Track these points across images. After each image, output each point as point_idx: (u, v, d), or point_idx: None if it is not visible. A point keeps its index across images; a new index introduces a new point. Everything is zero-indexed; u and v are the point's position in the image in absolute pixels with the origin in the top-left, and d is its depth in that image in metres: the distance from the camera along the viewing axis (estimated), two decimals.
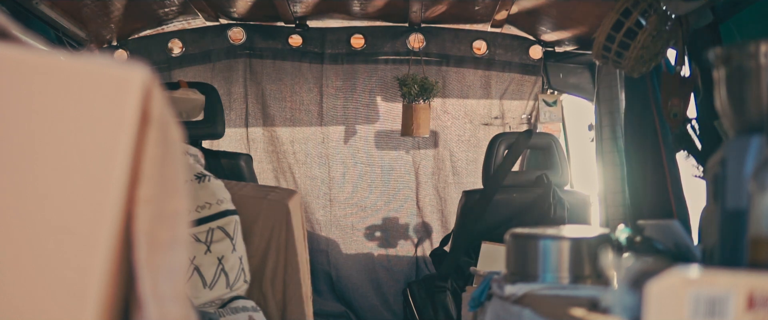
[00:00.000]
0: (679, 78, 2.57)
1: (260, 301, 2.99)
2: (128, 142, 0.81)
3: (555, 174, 3.51)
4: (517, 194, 3.51)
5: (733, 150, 1.22)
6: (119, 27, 3.81)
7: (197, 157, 3.02)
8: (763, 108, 1.23)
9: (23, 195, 0.79)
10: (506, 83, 4.21)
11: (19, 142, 0.79)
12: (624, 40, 2.51)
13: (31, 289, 0.79)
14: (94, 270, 0.80)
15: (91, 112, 0.80)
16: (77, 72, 0.81)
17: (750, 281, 0.96)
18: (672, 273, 0.96)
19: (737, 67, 1.26)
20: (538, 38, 4.14)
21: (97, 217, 0.80)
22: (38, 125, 0.80)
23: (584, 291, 1.61)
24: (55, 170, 0.80)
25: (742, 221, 1.18)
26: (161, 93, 0.83)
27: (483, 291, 1.93)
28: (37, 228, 0.79)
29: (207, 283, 2.74)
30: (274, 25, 4.11)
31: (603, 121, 3.56)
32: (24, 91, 0.80)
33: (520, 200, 3.50)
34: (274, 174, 4.21)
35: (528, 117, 4.20)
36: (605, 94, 3.52)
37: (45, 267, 0.79)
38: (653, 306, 0.96)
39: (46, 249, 0.79)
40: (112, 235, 0.80)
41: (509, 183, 3.50)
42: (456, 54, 4.16)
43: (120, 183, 0.81)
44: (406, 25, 4.10)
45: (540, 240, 1.78)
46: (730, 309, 0.94)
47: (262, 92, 4.18)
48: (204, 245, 2.75)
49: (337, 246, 4.19)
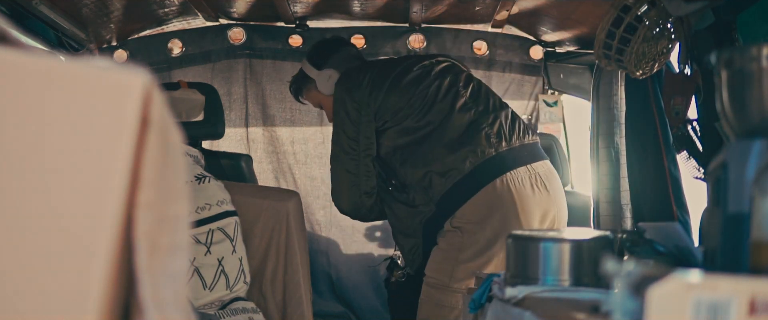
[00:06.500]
0: (682, 76, 2.57)
1: (260, 302, 2.99)
2: (128, 146, 0.81)
3: None
4: None
5: (735, 153, 1.22)
6: (119, 27, 3.81)
7: (197, 157, 3.02)
8: (765, 111, 1.23)
9: (23, 201, 0.79)
10: (507, 83, 4.20)
11: (18, 148, 0.79)
12: (624, 36, 2.51)
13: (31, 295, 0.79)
14: (95, 275, 0.79)
15: (91, 116, 0.80)
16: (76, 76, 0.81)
17: (752, 286, 0.96)
18: (673, 278, 0.96)
19: (739, 70, 1.26)
20: (539, 38, 4.14)
21: (97, 222, 0.80)
22: (37, 130, 0.80)
23: (585, 295, 1.60)
24: (54, 175, 0.80)
25: (743, 225, 1.18)
26: (161, 97, 0.83)
27: (483, 292, 1.93)
28: (37, 233, 0.79)
29: (207, 285, 2.74)
30: (274, 25, 4.11)
31: (600, 117, 3.56)
32: (23, 95, 0.80)
33: None
34: (274, 174, 4.20)
35: (528, 117, 4.20)
36: (605, 91, 3.53)
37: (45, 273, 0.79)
38: (654, 310, 0.96)
39: (47, 254, 0.79)
40: (113, 240, 0.80)
41: None
42: (456, 54, 4.15)
43: (120, 188, 0.81)
44: (406, 25, 4.10)
45: (540, 242, 1.77)
46: (731, 314, 0.94)
47: (262, 92, 4.18)
48: (204, 246, 2.75)
49: (338, 247, 4.19)
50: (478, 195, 2.80)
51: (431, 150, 2.85)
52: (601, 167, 3.51)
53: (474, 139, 2.84)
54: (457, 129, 2.86)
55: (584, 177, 3.96)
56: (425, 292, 2.90)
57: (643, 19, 2.50)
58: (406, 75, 2.95)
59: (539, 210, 2.84)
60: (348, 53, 3.16)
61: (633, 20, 2.50)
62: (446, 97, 2.92)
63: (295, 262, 3.03)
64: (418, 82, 2.93)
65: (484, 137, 2.85)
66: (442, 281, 2.84)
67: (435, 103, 2.90)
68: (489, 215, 2.79)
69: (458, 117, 2.88)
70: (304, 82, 3.20)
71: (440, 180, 2.81)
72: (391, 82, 2.93)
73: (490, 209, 2.80)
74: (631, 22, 2.50)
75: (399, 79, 2.94)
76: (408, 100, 2.90)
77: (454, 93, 2.93)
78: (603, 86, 3.55)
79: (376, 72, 2.96)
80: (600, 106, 3.57)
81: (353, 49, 3.21)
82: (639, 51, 2.53)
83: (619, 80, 3.45)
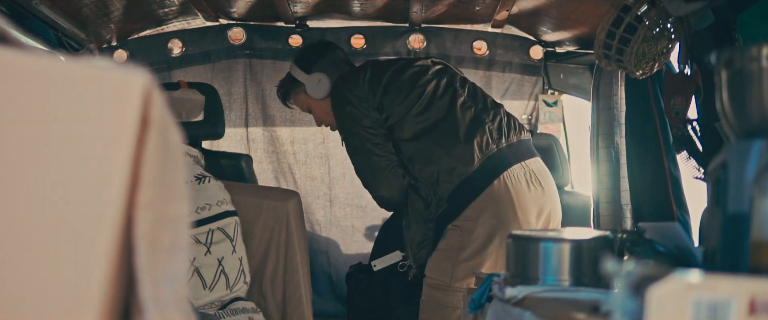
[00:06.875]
0: (682, 76, 2.57)
1: (260, 302, 2.99)
2: (128, 146, 0.81)
3: (555, 174, 3.51)
4: None
5: (735, 153, 1.22)
6: (119, 27, 3.81)
7: (197, 157, 3.02)
8: (765, 111, 1.23)
9: (23, 201, 0.79)
10: (507, 83, 4.20)
11: (18, 148, 0.79)
12: (624, 36, 2.51)
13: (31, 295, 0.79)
14: (95, 276, 0.79)
15: (91, 116, 0.80)
16: (76, 76, 0.81)
17: (751, 286, 0.96)
18: (673, 278, 0.96)
19: (739, 70, 1.26)
20: (539, 38, 4.14)
21: (97, 222, 0.80)
22: (37, 130, 0.80)
23: (585, 295, 1.60)
24: (54, 175, 0.80)
25: (743, 225, 1.18)
26: (161, 97, 0.83)
27: (483, 292, 1.93)
28: (37, 233, 0.79)
29: (207, 285, 2.74)
30: (274, 25, 4.11)
31: (600, 117, 3.56)
32: (23, 95, 0.80)
33: None
34: (274, 174, 4.20)
35: (528, 117, 4.20)
36: (605, 91, 3.53)
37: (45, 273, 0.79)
38: (655, 311, 0.96)
39: (46, 254, 0.79)
40: (113, 240, 0.80)
41: None
42: (456, 54, 4.16)
43: (120, 188, 0.81)
44: (406, 25, 4.10)
45: (540, 242, 1.77)
46: (731, 314, 0.94)
47: (262, 92, 4.17)
48: (204, 246, 2.75)
49: (338, 247, 4.19)
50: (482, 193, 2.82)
51: (437, 145, 2.85)
52: (601, 167, 3.51)
53: (479, 133, 2.87)
54: (461, 124, 2.88)
55: (584, 177, 3.96)
56: (426, 293, 2.91)
57: (643, 19, 2.50)
58: (403, 73, 2.96)
59: (535, 207, 2.86)
60: (336, 57, 3.16)
61: (633, 20, 2.50)
62: (445, 95, 2.93)
63: (295, 262, 3.03)
64: (415, 80, 2.95)
65: (488, 132, 2.87)
66: (443, 281, 2.84)
67: (434, 100, 2.91)
68: (487, 212, 2.80)
69: (460, 113, 2.90)
70: (292, 86, 3.19)
71: (447, 177, 2.82)
72: (389, 78, 2.93)
73: (488, 206, 2.81)
74: (631, 22, 2.50)
75: (395, 76, 2.95)
76: (406, 96, 2.91)
77: (453, 91, 2.95)
78: (603, 86, 3.55)
79: (371, 72, 2.96)
80: (600, 106, 3.57)
81: (341, 53, 3.21)
82: (639, 51, 2.53)
83: (619, 80, 3.45)
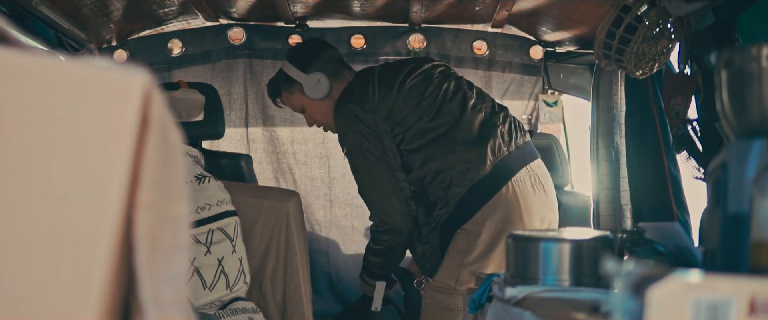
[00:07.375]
0: (682, 76, 2.57)
1: (260, 302, 2.99)
2: (128, 146, 0.81)
3: (555, 174, 3.51)
4: None
5: (735, 153, 1.22)
6: (119, 27, 3.81)
7: (197, 157, 3.02)
8: (765, 111, 1.23)
9: (23, 201, 0.79)
10: (507, 83, 4.20)
11: (18, 148, 0.79)
12: (624, 36, 2.52)
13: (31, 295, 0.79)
14: (95, 276, 0.79)
15: (91, 116, 0.80)
16: (76, 76, 0.81)
17: (752, 286, 0.96)
18: (673, 278, 0.96)
19: (739, 70, 1.26)
20: (539, 38, 4.14)
21: (97, 222, 0.80)
22: (37, 130, 0.80)
23: (585, 295, 1.60)
24: (54, 175, 0.80)
25: (743, 225, 1.18)
26: (161, 97, 0.83)
27: (483, 293, 1.93)
28: (37, 233, 0.79)
29: (207, 285, 2.74)
30: (274, 25, 4.11)
31: (600, 117, 3.56)
32: (23, 95, 0.80)
33: None
34: (274, 174, 4.20)
35: (528, 117, 4.20)
36: (605, 91, 3.53)
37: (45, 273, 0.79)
38: (654, 310, 0.96)
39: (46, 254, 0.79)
40: (113, 240, 0.80)
41: None
42: (456, 54, 4.16)
43: (120, 188, 0.81)
44: (406, 25, 4.10)
45: (540, 242, 1.77)
46: (731, 314, 0.94)
47: (263, 92, 4.17)
48: (204, 246, 2.75)
49: (338, 247, 4.19)
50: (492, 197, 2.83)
51: (451, 148, 2.86)
52: (601, 167, 3.52)
53: (492, 136, 2.88)
54: (472, 127, 2.89)
55: (584, 177, 3.96)
56: (430, 296, 2.91)
57: (643, 19, 2.50)
58: (410, 80, 2.97)
59: (539, 212, 2.86)
60: (331, 56, 3.14)
61: (633, 20, 2.51)
62: (455, 98, 2.94)
63: (295, 262, 3.03)
64: (423, 86, 2.95)
65: (500, 135, 2.88)
66: (449, 285, 2.85)
67: (444, 104, 2.92)
68: (494, 216, 2.81)
69: (471, 116, 2.91)
70: (286, 85, 3.16)
71: (460, 180, 2.82)
72: (398, 87, 2.94)
73: (496, 211, 2.82)
74: (631, 22, 2.51)
75: (404, 83, 2.95)
76: (417, 104, 2.91)
77: (462, 94, 2.96)
78: (603, 86, 3.55)
79: (377, 81, 2.96)
80: (600, 106, 3.57)
81: (334, 52, 3.19)
82: (639, 51, 2.53)
83: (619, 80, 3.45)
